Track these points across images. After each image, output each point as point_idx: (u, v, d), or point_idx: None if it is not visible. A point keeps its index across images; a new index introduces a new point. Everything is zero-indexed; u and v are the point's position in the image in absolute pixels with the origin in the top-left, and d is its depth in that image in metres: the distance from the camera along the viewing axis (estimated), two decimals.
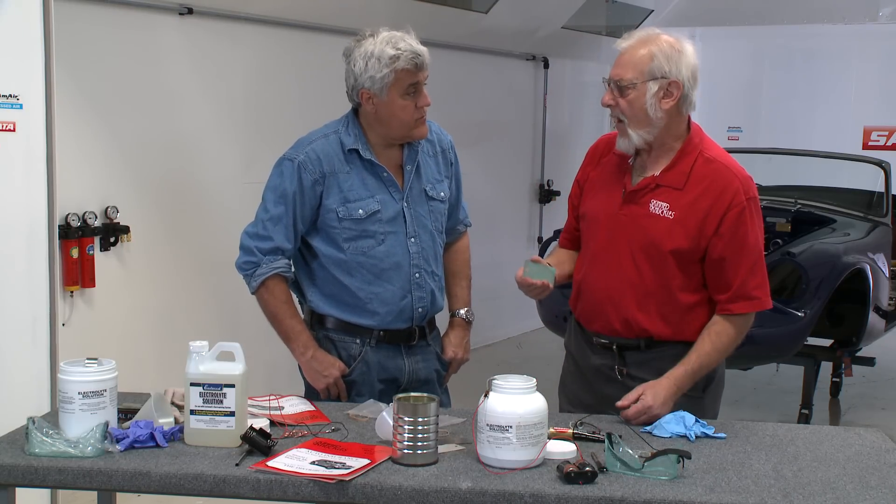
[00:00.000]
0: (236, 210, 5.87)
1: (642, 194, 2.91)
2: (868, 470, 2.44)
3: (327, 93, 6.50)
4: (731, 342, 2.89)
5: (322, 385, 3.11)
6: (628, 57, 2.84)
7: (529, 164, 8.89)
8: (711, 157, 2.89)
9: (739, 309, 2.87)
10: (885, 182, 6.79)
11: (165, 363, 5.00)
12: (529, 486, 2.28)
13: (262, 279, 3.08)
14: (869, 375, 7.10)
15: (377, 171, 3.09)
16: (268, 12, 5.84)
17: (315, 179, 3.04)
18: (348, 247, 3.07)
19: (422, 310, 3.14)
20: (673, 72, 2.82)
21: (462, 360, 3.32)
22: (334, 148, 3.08)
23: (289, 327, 3.11)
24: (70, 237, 4.73)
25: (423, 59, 3.00)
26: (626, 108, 2.84)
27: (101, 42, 4.96)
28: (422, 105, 3.03)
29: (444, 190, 3.21)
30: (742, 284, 2.85)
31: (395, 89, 2.99)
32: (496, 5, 7.57)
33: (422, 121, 3.07)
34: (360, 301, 3.09)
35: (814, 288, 5.55)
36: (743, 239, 2.84)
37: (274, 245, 3.06)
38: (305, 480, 2.30)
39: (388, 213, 3.08)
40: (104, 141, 5.03)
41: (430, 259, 3.15)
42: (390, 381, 3.16)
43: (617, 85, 2.84)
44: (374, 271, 3.08)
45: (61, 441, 2.43)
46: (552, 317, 5.90)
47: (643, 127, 2.85)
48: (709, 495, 2.24)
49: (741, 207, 2.83)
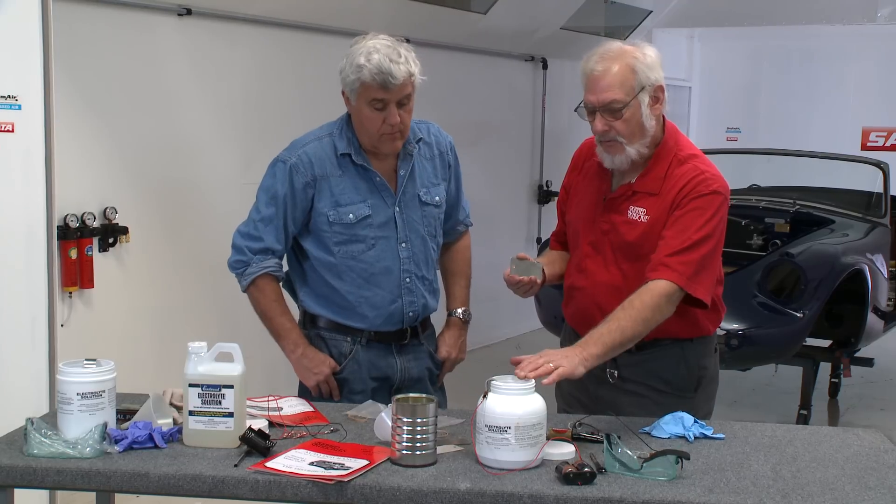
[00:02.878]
0: (235, 211, 5.84)
1: (620, 201, 2.92)
2: (866, 470, 2.44)
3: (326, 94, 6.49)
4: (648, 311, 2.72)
5: (312, 382, 3.12)
6: (610, 79, 2.78)
7: (528, 165, 8.89)
8: (684, 157, 2.89)
9: (656, 275, 2.75)
10: (884, 183, 6.79)
11: (164, 364, 5.00)
12: (528, 486, 2.28)
13: (251, 278, 3.09)
14: (867, 376, 7.10)
15: (370, 176, 3.08)
16: (267, 13, 5.84)
17: (306, 182, 3.04)
18: (338, 251, 3.07)
19: (412, 314, 3.14)
20: (655, 77, 2.82)
21: (456, 359, 3.32)
22: (327, 151, 3.07)
23: (279, 325, 3.12)
24: (69, 238, 4.72)
25: (387, 78, 2.88)
26: (624, 128, 2.81)
27: (100, 43, 4.96)
28: (390, 122, 2.95)
29: (439, 194, 3.19)
30: (669, 255, 2.76)
31: (361, 98, 2.96)
32: (495, 6, 7.57)
33: (390, 137, 2.99)
34: (350, 304, 3.09)
35: (812, 288, 5.55)
36: (689, 220, 2.79)
37: (264, 245, 3.08)
38: (304, 481, 2.30)
39: (379, 218, 3.07)
40: (103, 142, 5.03)
41: (421, 264, 3.14)
42: (382, 380, 3.17)
43: (608, 109, 2.80)
44: (364, 275, 3.08)
45: (60, 442, 2.43)
46: (551, 318, 5.91)
47: (640, 139, 2.84)
48: (707, 496, 2.24)
49: (698, 194, 2.80)
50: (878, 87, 10.87)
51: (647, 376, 2.94)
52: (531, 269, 2.94)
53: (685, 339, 2.94)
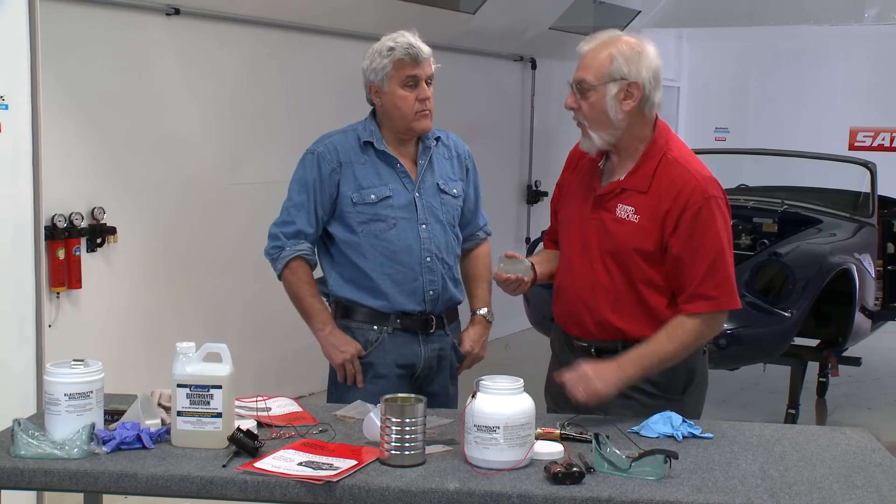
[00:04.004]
0: (223, 211, 5.88)
1: (609, 199, 2.92)
2: (854, 469, 2.45)
3: (314, 93, 6.52)
4: (690, 337, 2.84)
5: (339, 360, 3.24)
6: (589, 60, 2.86)
7: (517, 165, 8.90)
8: (673, 157, 2.89)
9: (695, 309, 2.83)
10: (871, 182, 6.81)
11: (152, 364, 4.99)
12: (517, 486, 2.28)
13: (286, 261, 3.26)
14: (855, 375, 7.13)
15: (391, 163, 3.26)
16: (255, 13, 5.83)
17: (332, 168, 3.24)
18: (362, 230, 3.23)
19: (433, 293, 3.26)
20: (632, 73, 2.82)
21: (477, 356, 3.43)
22: (351, 142, 3.28)
23: (308, 305, 3.27)
24: (56, 238, 4.71)
25: (419, 51, 3.18)
26: (588, 110, 2.86)
27: (88, 42, 4.95)
28: (422, 98, 3.20)
29: (456, 187, 3.36)
30: (699, 284, 2.82)
31: (394, 80, 3.19)
32: (483, 6, 7.58)
33: (423, 114, 3.23)
34: (374, 283, 3.23)
35: (800, 288, 5.57)
36: (700, 238, 2.82)
37: (297, 229, 3.25)
38: (293, 482, 2.30)
39: (400, 201, 3.24)
40: (91, 141, 5.02)
41: (441, 247, 3.28)
42: (407, 367, 3.28)
43: (579, 87, 2.87)
44: (386, 253, 3.22)
45: (47, 443, 2.42)
46: (540, 317, 5.91)
47: (604, 129, 2.87)
48: (696, 495, 2.25)
49: (697, 206, 2.82)
50: (865, 88, 10.92)
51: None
52: (519, 266, 2.99)
53: None
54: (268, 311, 5.83)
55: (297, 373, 5.83)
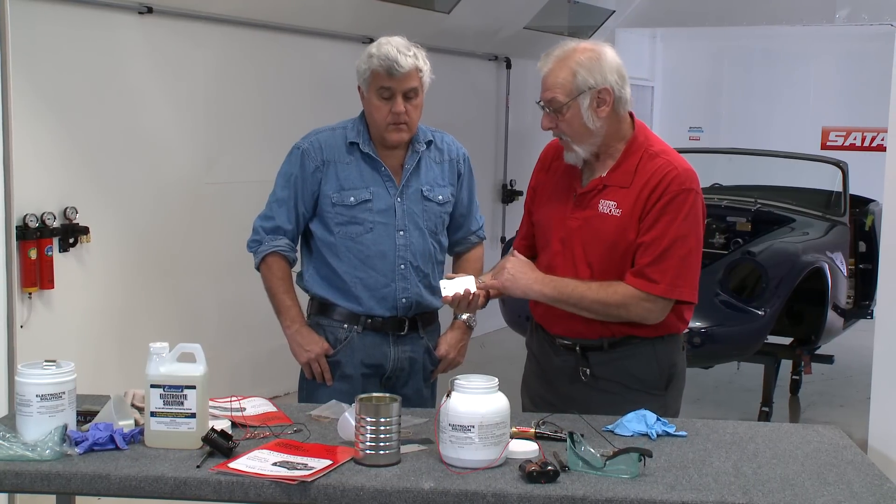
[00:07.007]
0: (197, 211, 5.85)
1: (591, 196, 2.94)
2: (826, 466, 2.47)
3: (288, 92, 6.50)
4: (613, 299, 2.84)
5: (303, 359, 3.25)
6: (552, 79, 2.87)
7: (492, 165, 8.90)
8: (655, 152, 2.92)
9: (633, 283, 2.83)
10: (843, 182, 6.86)
11: (125, 365, 4.96)
12: (492, 485, 2.28)
13: (262, 255, 3.27)
14: (828, 373, 7.18)
15: (376, 166, 3.24)
16: (228, 12, 5.80)
17: (316, 166, 3.23)
18: (338, 231, 3.22)
19: (406, 300, 3.24)
20: (599, 80, 2.85)
21: (453, 360, 3.40)
22: (338, 140, 3.26)
23: (280, 301, 3.28)
24: (28, 238, 4.67)
25: (393, 65, 3.09)
26: (567, 127, 2.89)
27: (59, 41, 4.90)
28: (395, 111, 3.13)
29: (443, 193, 3.32)
30: (647, 265, 2.83)
31: (372, 88, 3.16)
32: (458, 6, 7.58)
33: (395, 127, 3.17)
34: (346, 285, 3.23)
35: (773, 287, 5.60)
36: (665, 224, 2.83)
37: (275, 224, 3.26)
38: (267, 482, 2.29)
39: (380, 205, 3.22)
40: (63, 141, 4.98)
41: (417, 255, 3.25)
42: (375, 367, 3.27)
43: (552, 107, 2.88)
44: (360, 257, 3.21)
45: (18, 444, 2.40)
46: (515, 317, 5.92)
47: (586, 140, 2.90)
48: (670, 493, 2.26)
49: (672, 195, 2.83)
50: (837, 88, 11.00)
51: (619, 374, 2.95)
52: (459, 284, 2.96)
53: (655, 337, 2.96)
54: (242, 310, 5.82)
55: (271, 373, 5.80)
